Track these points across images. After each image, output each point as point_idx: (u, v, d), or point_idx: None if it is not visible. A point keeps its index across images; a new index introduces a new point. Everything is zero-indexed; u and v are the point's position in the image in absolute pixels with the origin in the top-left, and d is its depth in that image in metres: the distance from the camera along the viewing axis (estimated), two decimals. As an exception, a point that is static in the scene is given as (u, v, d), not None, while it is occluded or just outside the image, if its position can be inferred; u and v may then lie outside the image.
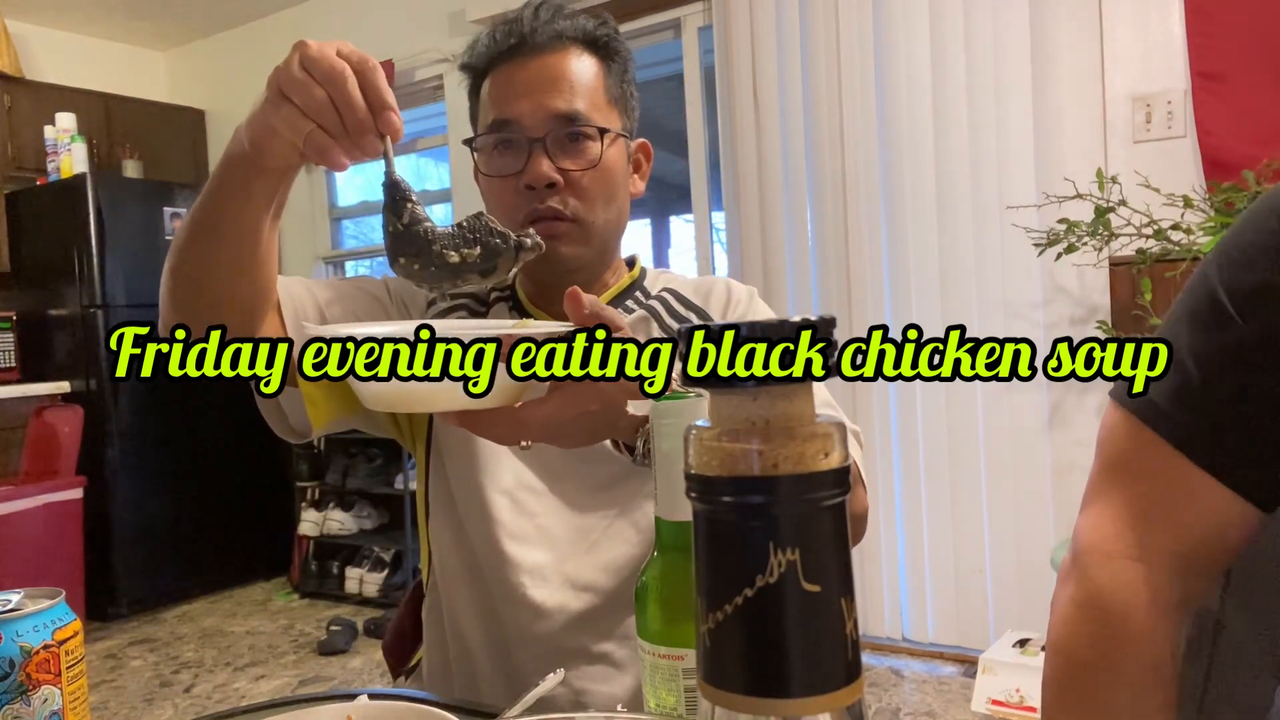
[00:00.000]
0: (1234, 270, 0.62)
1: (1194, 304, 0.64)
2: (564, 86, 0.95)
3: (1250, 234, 0.63)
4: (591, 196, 0.96)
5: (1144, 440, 0.65)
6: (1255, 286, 0.61)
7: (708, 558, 0.25)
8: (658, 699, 0.53)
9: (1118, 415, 0.67)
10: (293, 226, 4.51)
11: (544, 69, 0.96)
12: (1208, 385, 0.62)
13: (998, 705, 2.26)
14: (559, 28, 0.96)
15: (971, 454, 2.72)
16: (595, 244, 0.99)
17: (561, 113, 0.94)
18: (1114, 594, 0.64)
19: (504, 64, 0.97)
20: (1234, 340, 0.61)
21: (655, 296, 1.05)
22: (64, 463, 3.70)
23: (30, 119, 4.11)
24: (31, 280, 4.01)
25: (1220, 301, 0.62)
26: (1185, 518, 0.63)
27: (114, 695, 2.97)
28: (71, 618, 0.64)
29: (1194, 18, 2.36)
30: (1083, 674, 0.64)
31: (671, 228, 3.98)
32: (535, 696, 0.73)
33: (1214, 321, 0.62)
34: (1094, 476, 0.69)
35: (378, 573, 3.87)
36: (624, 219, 1.03)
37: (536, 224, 0.95)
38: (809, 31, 2.88)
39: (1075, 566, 0.67)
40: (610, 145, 0.97)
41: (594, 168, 0.95)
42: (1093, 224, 2.25)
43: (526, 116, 0.95)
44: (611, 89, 0.99)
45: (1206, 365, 0.62)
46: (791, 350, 0.25)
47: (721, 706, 0.25)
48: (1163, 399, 0.64)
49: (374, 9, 4.07)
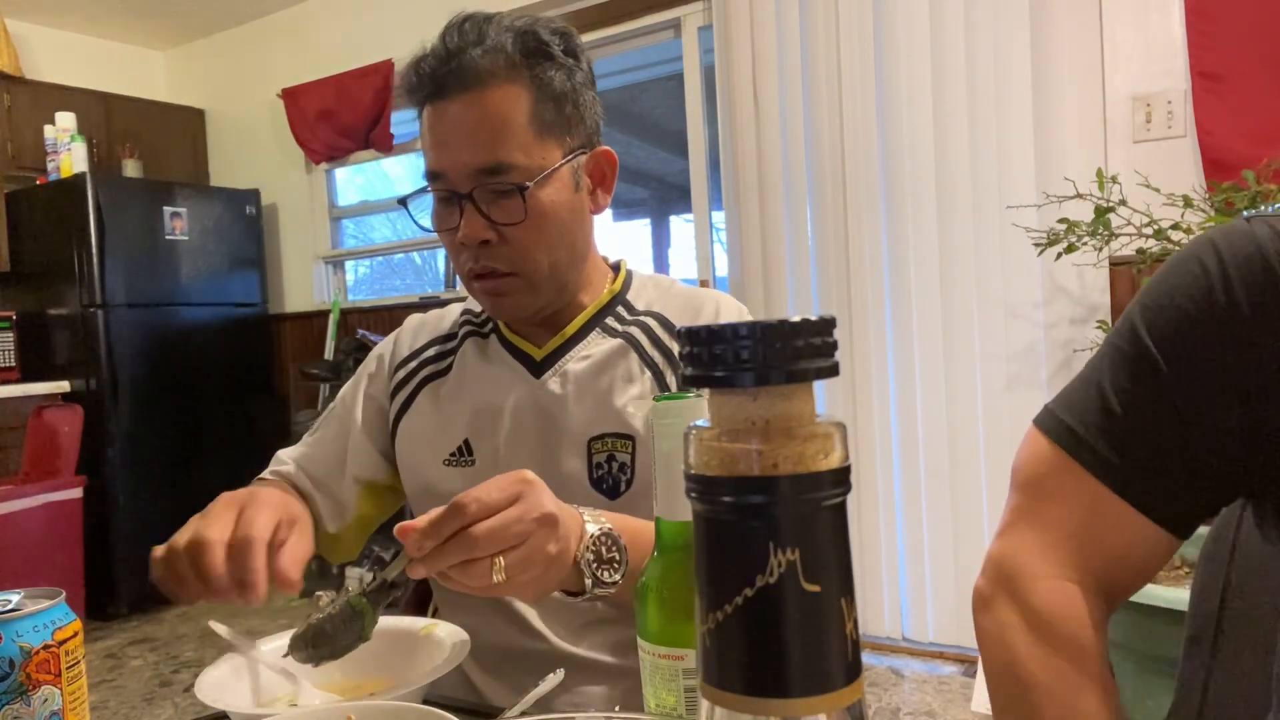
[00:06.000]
0: (1156, 313, 0.65)
1: (1120, 343, 0.67)
2: (483, 136, 0.89)
3: (1173, 278, 0.65)
4: (528, 246, 0.93)
5: (1067, 468, 0.66)
6: (1175, 331, 0.64)
7: (708, 558, 0.25)
8: (658, 699, 0.53)
9: (1042, 443, 0.69)
10: (293, 226, 4.51)
11: (462, 116, 0.90)
12: (1128, 421, 0.65)
13: (998, 705, 2.26)
14: (474, 60, 0.89)
15: (971, 454, 2.72)
16: (546, 288, 0.97)
17: (482, 166, 0.90)
18: (1055, 613, 0.64)
19: (428, 103, 0.93)
20: (1154, 382, 0.64)
21: (639, 317, 1.03)
22: (64, 463, 3.70)
23: (30, 118, 4.11)
24: (31, 280, 4.01)
25: (1143, 343, 0.65)
26: (1107, 543, 0.66)
27: (114, 695, 2.97)
28: (71, 618, 0.64)
29: (1194, 18, 2.36)
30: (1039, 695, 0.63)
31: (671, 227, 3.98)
32: (535, 696, 0.73)
33: (1137, 363, 0.65)
34: (1015, 502, 0.70)
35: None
36: (580, 248, 0.99)
37: (479, 280, 0.95)
38: (809, 31, 2.88)
39: (1003, 590, 0.67)
40: (543, 187, 0.92)
41: (524, 221, 0.91)
42: (1093, 224, 2.25)
43: (451, 171, 0.91)
44: (543, 115, 0.92)
45: (1127, 403, 0.65)
46: (791, 350, 0.25)
47: (721, 707, 0.25)
48: (1085, 430, 0.66)
49: (373, 8, 4.07)
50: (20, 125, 4.11)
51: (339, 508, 1.05)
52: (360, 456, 1.06)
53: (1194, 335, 0.63)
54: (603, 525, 0.75)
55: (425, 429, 1.04)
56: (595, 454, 0.96)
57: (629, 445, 0.96)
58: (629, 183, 4.73)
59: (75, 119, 4.09)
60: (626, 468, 0.96)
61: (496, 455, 1.00)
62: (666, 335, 1.00)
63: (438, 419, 1.03)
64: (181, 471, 4.01)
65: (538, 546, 0.68)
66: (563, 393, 0.98)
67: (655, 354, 0.99)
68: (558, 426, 0.98)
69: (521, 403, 1.00)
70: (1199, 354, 0.63)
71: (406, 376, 1.07)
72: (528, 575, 0.68)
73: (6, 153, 4.08)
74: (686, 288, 1.07)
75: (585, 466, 0.96)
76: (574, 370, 0.99)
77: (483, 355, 1.05)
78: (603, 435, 0.96)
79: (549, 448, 0.98)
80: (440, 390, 1.05)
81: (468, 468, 1.01)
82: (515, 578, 0.68)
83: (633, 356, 0.99)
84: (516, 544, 0.67)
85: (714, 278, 3.38)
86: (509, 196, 0.91)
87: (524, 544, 0.67)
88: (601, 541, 0.74)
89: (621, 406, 0.96)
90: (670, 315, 1.02)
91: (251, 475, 1.08)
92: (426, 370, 1.07)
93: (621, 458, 0.96)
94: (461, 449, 1.01)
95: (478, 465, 1.00)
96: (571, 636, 0.97)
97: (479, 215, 0.91)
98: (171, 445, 4.02)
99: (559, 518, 0.69)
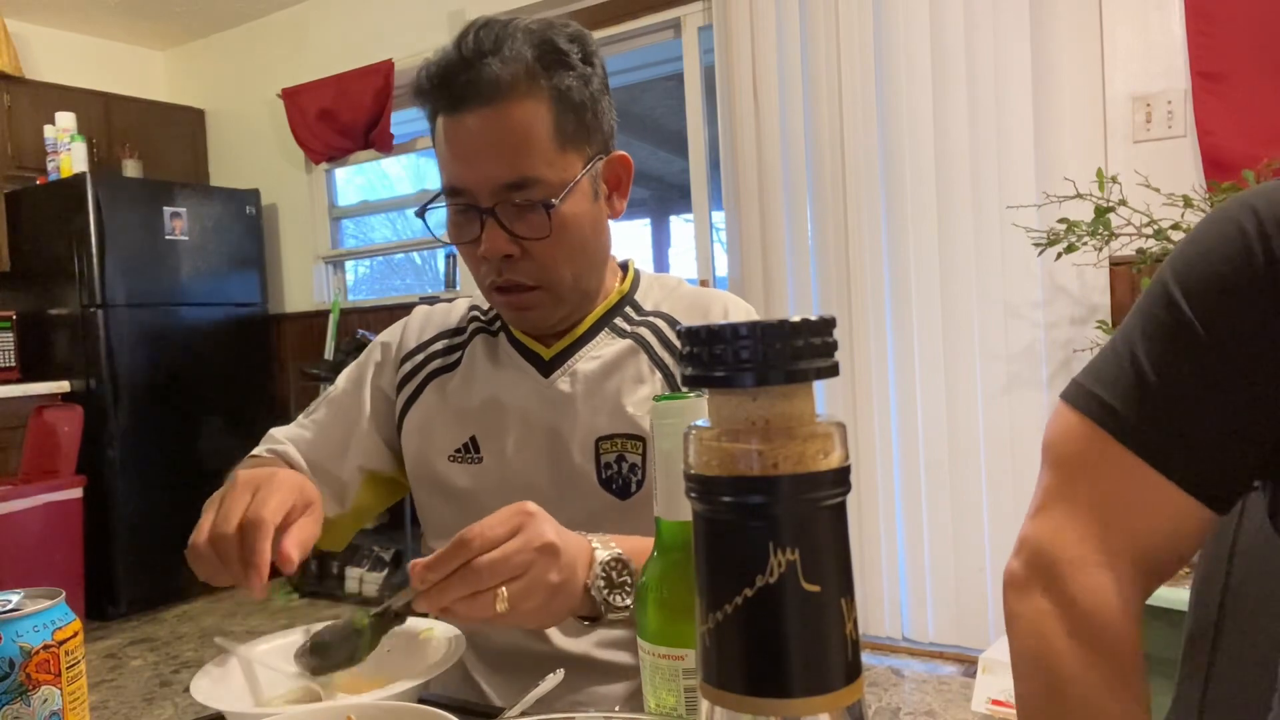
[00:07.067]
0: (1191, 278, 0.62)
1: (1151, 310, 0.64)
2: (506, 151, 0.88)
3: (1209, 241, 0.63)
4: (552, 260, 0.92)
5: (1101, 444, 0.64)
6: (1213, 295, 0.61)
7: (708, 558, 0.25)
8: (658, 699, 0.53)
9: (1072, 418, 0.67)
10: (293, 226, 4.51)
11: (483, 130, 0.88)
12: (1165, 390, 0.62)
13: (998, 705, 2.26)
14: (494, 71, 0.87)
15: (971, 454, 2.72)
16: (569, 298, 0.97)
17: (506, 182, 0.88)
18: (1095, 606, 0.62)
19: (445, 114, 0.90)
20: (1192, 348, 0.61)
21: (647, 318, 1.03)
22: (64, 463, 3.70)
23: (30, 118, 4.11)
24: (31, 280, 4.01)
25: (1179, 308, 0.62)
26: (1145, 521, 0.63)
27: (114, 695, 2.97)
28: (71, 618, 0.64)
29: (1194, 18, 2.36)
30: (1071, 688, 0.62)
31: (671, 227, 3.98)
32: (535, 696, 0.73)
33: (1172, 327, 0.62)
34: (1048, 481, 0.68)
35: (377, 572, 3.88)
36: (600, 255, 0.99)
37: (502, 294, 0.95)
38: (809, 31, 2.88)
39: (1040, 576, 0.65)
40: (566, 201, 0.90)
41: (548, 236, 0.90)
42: (1093, 224, 2.25)
43: (473, 186, 0.90)
44: (565, 127, 0.90)
45: (1162, 371, 0.62)
46: (791, 350, 0.25)
47: (721, 707, 0.25)
48: (1119, 402, 0.64)
49: (373, 8, 4.07)
50: (20, 125, 4.11)
51: (336, 494, 1.05)
52: (367, 446, 1.06)
53: (1232, 299, 0.60)
54: (612, 550, 0.75)
55: (431, 423, 1.04)
56: (604, 454, 0.96)
57: (639, 446, 0.96)
58: (629, 183, 4.71)
59: (75, 119, 4.09)
60: (637, 469, 0.96)
61: (505, 454, 1.00)
62: (675, 336, 1.00)
63: (444, 414, 1.03)
64: (181, 471, 4.01)
65: (539, 576, 0.69)
66: (572, 392, 0.98)
67: (665, 355, 0.99)
68: (566, 426, 0.98)
69: (530, 402, 1.00)
70: (1238, 318, 0.60)
71: (413, 369, 1.07)
72: (531, 604, 0.69)
73: (6, 153, 4.08)
74: (693, 288, 1.07)
75: (594, 467, 0.96)
76: (583, 370, 0.99)
77: (491, 353, 1.04)
78: (612, 436, 0.96)
79: (557, 447, 0.98)
80: (447, 385, 1.05)
81: (475, 465, 1.01)
82: (518, 607, 0.68)
83: (642, 357, 0.99)
84: (518, 574, 0.68)
85: (714, 278, 3.38)
86: (533, 211, 0.89)
87: (526, 574, 0.68)
88: (611, 567, 0.74)
89: (631, 407, 0.96)
90: (679, 316, 1.02)
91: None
92: (434, 364, 1.06)
93: (632, 458, 0.96)
94: (468, 445, 1.02)
95: (485, 463, 1.00)
96: (575, 636, 0.97)
97: (501, 230, 0.90)
98: (171, 445, 4.02)
99: (560, 547, 0.70)
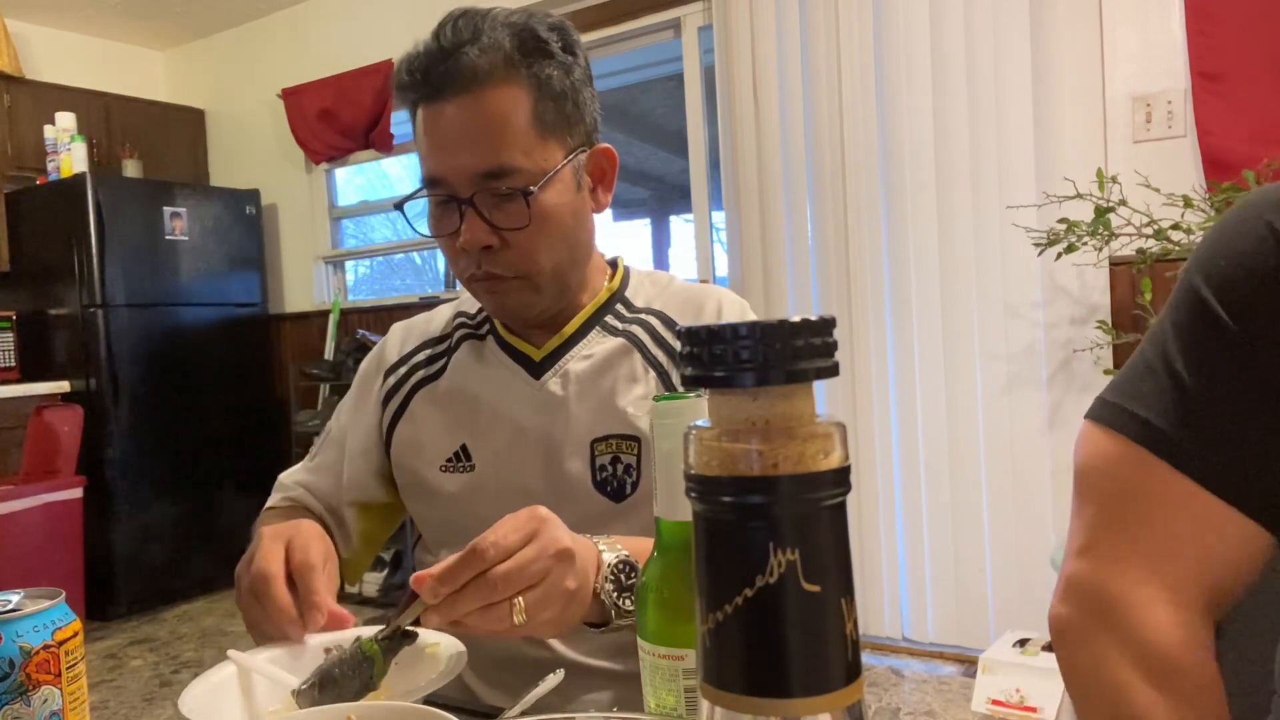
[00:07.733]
0: (1219, 278, 0.59)
1: (1181, 318, 0.61)
2: (483, 139, 0.87)
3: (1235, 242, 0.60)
4: (531, 249, 0.91)
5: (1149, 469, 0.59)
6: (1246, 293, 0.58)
7: (708, 558, 0.25)
8: (658, 699, 0.53)
9: (1109, 442, 0.61)
10: (293, 226, 4.51)
11: (461, 118, 0.87)
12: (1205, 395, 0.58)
13: (998, 705, 2.26)
14: (471, 59, 0.86)
15: (971, 454, 2.72)
16: (548, 289, 0.95)
17: (484, 170, 0.87)
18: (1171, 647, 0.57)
19: (424, 104, 0.90)
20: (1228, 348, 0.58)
21: (639, 315, 1.01)
22: (64, 463, 3.70)
23: (30, 119, 4.11)
24: (31, 280, 4.01)
25: (1212, 310, 0.59)
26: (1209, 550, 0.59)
27: (114, 695, 2.97)
28: (71, 618, 0.64)
29: (1194, 18, 2.36)
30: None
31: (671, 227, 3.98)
32: (535, 697, 0.73)
33: (1206, 331, 0.59)
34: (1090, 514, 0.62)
35: (377, 573, 3.87)
36: (582, 249, 0.98)
37: (482, 283, 0.94)
38: (809, 31, 2.88)
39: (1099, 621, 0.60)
40: (546, 190, 0.89)
41: (528, 226, 0.89)
42: (1093, 224, 2.25)
43: (452, 175, 0.89)
44: (544, 115, 0.89)
45: (1201, 372, 0.58)
46: (791, 350, 0.25)
47: (721, 707, 0.25)
48: (1162, 420, 0.59)
49: (373, 8, 4.07)
50: (20, 125, 4.11)
51: (345, 533, 1.06)
52: (353, 476, 1.05)
53: (1266, 296, 0.57)
54: (620, 553, 0.73)
55: (420, 435, 1.02)
56: (599, 456, 0.95)
57: (634, 447, 0.94)
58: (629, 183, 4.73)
59: (75, 119, 4.09)
60: (632, 469, 0.94)
61: (497, 459, 0.98)
62: (669, 333, 0.99)
63: (432, 424, 1.02)
64: (181, 471, 4.01)
65: (556, 583, 0.67)
66: (564, 394, 0.97)
67: (659, 353, 0.98)
68: (559, 428, 0.96)
69: (521, 405, 0.98)
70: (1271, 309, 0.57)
71: (397, 383, 1.05)
72: (548, 613, 0.67)
73: (6, 153, 4.08)
74: (685, 284, 1.06)
75: (588, 469, 0.95)
76: (575, 370, 0.98)
77: (479, 357, 1.03)
78: (606, 437, 0.95)
79: (550, 450, 0.96)
80: (434, 394, 1.03)
81: (467, 473, 0.99)
82: (535, 616, 0.66)
83: (635, 356, 0.98)
84: (535, 583, 0.66)
85: (714, 278, 3.38)
86: (512, 201, 0.88)
87: (542, 582, 0.66)
88: (620, 569, 0.72)
89: (625, 407, 0.95)
90: (671, 313, 1.01)
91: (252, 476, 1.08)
92: (418, 375, 1.05)
93: (627, 459, 0.94)
94: (459, 454, 1.00)
95: (477, 470, 0.99)
96: (572, 641, 0.96)
97: (481, 220, 0.89)
98: (171, 445, 4.01)
99: (575, 551, 0.68)
